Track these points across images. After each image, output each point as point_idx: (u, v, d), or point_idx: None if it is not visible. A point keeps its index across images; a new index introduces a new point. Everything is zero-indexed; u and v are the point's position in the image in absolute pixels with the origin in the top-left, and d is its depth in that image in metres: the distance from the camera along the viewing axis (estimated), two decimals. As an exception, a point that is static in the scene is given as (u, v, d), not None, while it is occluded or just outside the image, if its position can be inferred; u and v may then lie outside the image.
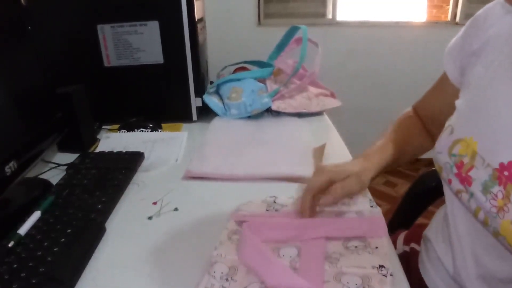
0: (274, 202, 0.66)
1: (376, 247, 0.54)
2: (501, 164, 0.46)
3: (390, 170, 0.67)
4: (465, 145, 0.52)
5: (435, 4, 2.55)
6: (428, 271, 0.65)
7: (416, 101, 0.76)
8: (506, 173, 0.45)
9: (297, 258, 0.52)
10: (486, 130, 0.49)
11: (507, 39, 0.51)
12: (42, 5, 0.94)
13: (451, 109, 0.57)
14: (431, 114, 0.71)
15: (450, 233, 0.59)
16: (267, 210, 0.63)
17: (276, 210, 0.63)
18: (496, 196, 0.46)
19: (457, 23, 2.35)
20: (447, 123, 0.57)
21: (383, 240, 0.55)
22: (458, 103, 0.57)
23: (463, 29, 0.60)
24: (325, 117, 1.12)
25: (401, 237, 0.81)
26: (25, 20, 0.76)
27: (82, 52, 1.01)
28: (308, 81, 1.16)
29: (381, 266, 0.50)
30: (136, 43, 1.00)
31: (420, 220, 0.89)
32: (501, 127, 0.47)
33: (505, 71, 0.49)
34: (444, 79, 0.65)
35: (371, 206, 0.62)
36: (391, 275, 0.49)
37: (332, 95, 1.20)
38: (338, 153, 0.87)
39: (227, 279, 0.48)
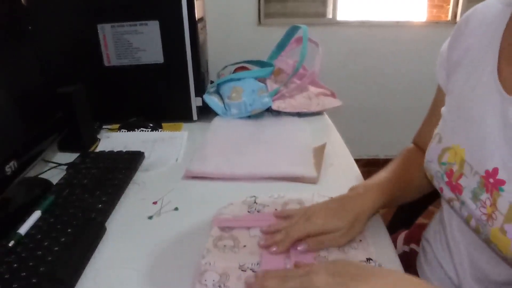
0: (255, 202, 0.65)
1: (360, 240, 0.55)
2: (487, 171, 0.46)
3: (390, 207, 0.65)
4: (453, 153, 0.51)
5: (435, 4, 2.55)
6: (425, 272, 0.65)
7: (414, 135, 0.72)
8: (491, 180, 0.45)
9: (287, 260, 0.52)
10: (472, 138, 0.49)
11: (486, 45, 0.51)
12: (42, 5, 0.94)
13: None
14: None
15: (447, 236, 0.60)
16: (248, 211, 0.63)
17: (258, 211, 0.63)
18: (485, 203, 0.46)
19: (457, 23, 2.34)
20: (435, 131, 0.57)
21: (364, 233, 0.57)
22: (443, 110, 0.57)
23: (450, 34, 0.60)
24: (325, 116, 1.12)
25: (401, 237, 0.81)
26: (25, 20, 0.76)
27: (82, 52, 1.01)
28: (308, 80, 1.15)
29: (368, 259, 0.51)
30: (136, 43, 1.00)
31: (420, 220, 0.89)
32: (486, 134, 0.47)
33: (487, 79, 0.49)
34: (436, 101, 0.64)
35: None
36: (380, 266, 0.50)
37: (333, 94, 1.20)
38: (338, 153, 0.87)
39: (219, 286, 0.47)
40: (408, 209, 0.91)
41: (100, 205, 0.64)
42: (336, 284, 0.40)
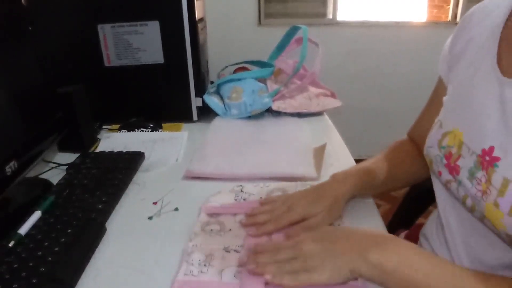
0: (241, 191, 0.69)
1: (339, 224, 0.60)
2: (483, 150, 0.48)
3: (378, 193, 0.69)
4: (452, 137, 0.54)
5: (435, 4, 2.55)
6: None
7: (410, 128, 0.74)
8: (487, 157, 0.47)
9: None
10: (470, 121, 0.51)
11: (488, 36, 0.52)
12: (42, 5, 0.94)
13: None
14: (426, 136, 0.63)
15: (443, 227, 0.60)
16: (235, 199, 0.67)
17: (244, 199, 0.67)
18: (480, 180, 0.48)
19: (457, 23, 2.34)
20: (437, 119, 0.59)
21: (343, 219, 0.61)
22: (445, 98, 0.59)
23: (455, 29, 0.61)
24: (326, 117, 1.12)
25: (401, 237, 0.81)
26: (25, 20, 0.76)
27: (82, 52, 1.01)
28: (308, 81, 1.15)
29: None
30: (136, 43, 1.00)
31: (420, 220, 0.89)
32: (483, 116, 0.49)
33: (486, 65, 0.50)
34: (436, 94, 0.65)
35: None
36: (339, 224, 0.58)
37: (333, 95, 1.20)
38: (339, 153, 0.87)
39: (205, 265, 0.51)
40: (409, 209, 0.91)
41: (100, 205, 0.64)
42: (321, 248, 0.48)
